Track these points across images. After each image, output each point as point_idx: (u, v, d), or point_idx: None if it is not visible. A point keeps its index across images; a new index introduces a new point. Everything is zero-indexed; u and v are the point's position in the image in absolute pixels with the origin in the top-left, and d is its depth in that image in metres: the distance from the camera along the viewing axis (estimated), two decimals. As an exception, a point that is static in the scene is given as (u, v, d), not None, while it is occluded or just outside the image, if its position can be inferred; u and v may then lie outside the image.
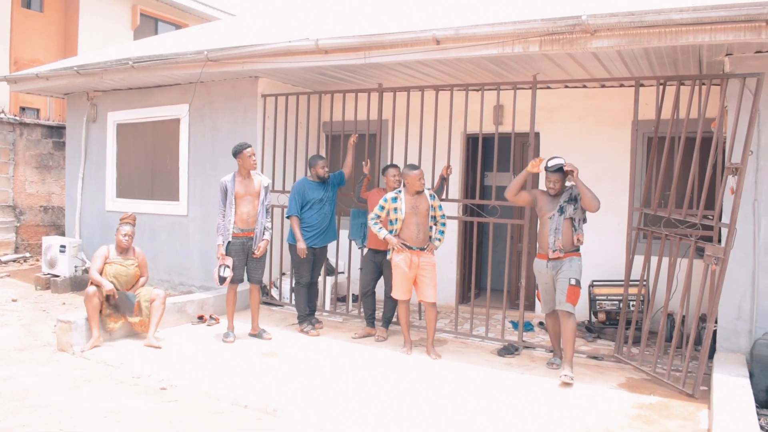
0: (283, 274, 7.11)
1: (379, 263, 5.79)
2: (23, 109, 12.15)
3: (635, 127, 5.16)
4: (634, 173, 5.41)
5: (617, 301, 5.89)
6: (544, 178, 5.10)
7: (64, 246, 7.96)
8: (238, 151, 5.52)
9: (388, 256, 5.39)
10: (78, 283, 7.96)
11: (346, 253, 6.88)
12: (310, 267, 5.95)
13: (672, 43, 4.41)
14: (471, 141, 7.27)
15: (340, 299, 7.27)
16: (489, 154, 7.03)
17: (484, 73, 6.19)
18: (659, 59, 5.20)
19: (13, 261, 9.53)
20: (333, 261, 6.84)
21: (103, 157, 8.46)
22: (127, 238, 5.55)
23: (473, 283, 7.05)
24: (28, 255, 9.77)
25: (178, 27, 15.17)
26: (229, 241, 5.52)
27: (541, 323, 6.42)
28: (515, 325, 6.01)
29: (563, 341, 4.76)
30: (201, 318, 6.33)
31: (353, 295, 7.04)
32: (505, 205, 5.77)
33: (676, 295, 5.01)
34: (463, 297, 7.12)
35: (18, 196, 9.72)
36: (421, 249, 5.26)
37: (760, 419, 3.86)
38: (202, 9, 15.34)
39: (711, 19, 4.19)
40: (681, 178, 4.99)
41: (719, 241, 4.76)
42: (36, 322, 6.37)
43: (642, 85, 5.28)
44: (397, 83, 6.72)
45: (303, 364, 4.98)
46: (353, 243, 6.50)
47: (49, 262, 8.07)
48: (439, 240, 5.36)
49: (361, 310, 6.26)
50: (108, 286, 5.35)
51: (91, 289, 5.35)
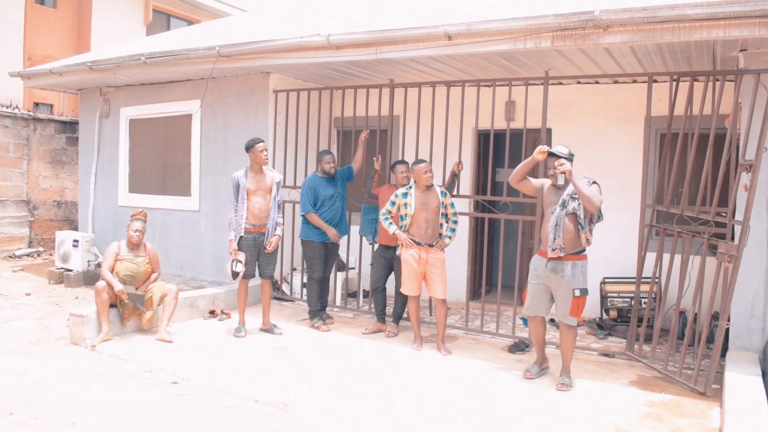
0: (294, 269, 7.13)
1: (389, 259, 5.80)
2: (37, 104, 12.25)
3: (648, 123, 5.11)
4: (647, 170, 5.37)
5: (629, 299, 5.86)
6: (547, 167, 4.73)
7: (77, 241, 8.03)
8: (250, 146, 5.55)
9: (398, 252, 5.40)
10: (91, 278, 8.03)
11: (356, 249, 6.90)
12: (323, 262, 5.97)
13: (686, 39, 4.36)
14: (482, 137, 7.25)
15: (350, 295, 7.29)
16: (500, 150, 7.00)
17: (496, 68, 6.16)
18: (672, 55, 5.15)
19: (27, 255, 9.63)
20: (343, 257, 6.85)
21: (115, 152, 8.52)
22: (138, 234, 5.58)
23: (484, 279, 7.03)
24: (41, 249, 9.87)
25: (190, 23, 15.24)
26: (241, 237, 5.55)
27: (552, 320, 6.39)
28: (525, 321, 5.98)
29: (563, 350, 4.53)
30: (212, 313, 6.37)
31: (364, 290, 7.05)
32: (517, 201, 5.76)
33: (688, 292, 4.98)
34: (474, 293, 7.11)
35: (32, 191, 9.82)
36: (430, 245, 5.26)
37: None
38: (214, 5, 15.39)
39: (725, 15, 4.14)
40: (694, 175, 4.95)
41: (732, 238, 4.73)
42: (49, 316, 6.43)
43: (655, 81, 5.24)
44: (408, 79, 6.72)
45: (314, 360, 5.01)
46: (364, 239, 6.51)
47: (63, 257, 8.15)
48: (449, 237, 5.35)
49: (372, 305, 6.27)
50: (118, 287, 5.38)
51: (100, 284, 5.39)
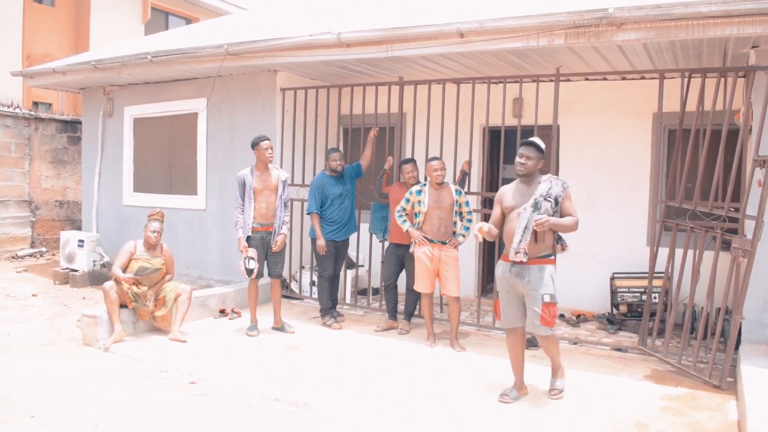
0: (303, 267, 7.13)
1: (401, 256, 5.82)
2: (36, 103, 12.17)
3: (659, 119, 5.15)
4: (659, 165, 5.41)
5: (638, 293, 5.90)
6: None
7: (82, 240, 8.00)
8: (255, 144, 5.52)
9: (411, 249, 5.42)
10: (97, 278, 8.00)
11: (365, 247, 6.91)
12: (333, 260, 5.97)
13: (699, 36, 4.40)
14: (491, 134, 7.26)
15: (360, 292, 7.30)
16: (509, 147, 7.01)
17: (505, 65, 6.17)
18: (684, 52, 5.18)
19: (30, 255, 9.59)
20: (353, 254, 6.85)
21: (119, 151, 8.49)
22: (155, 235, 5.56)
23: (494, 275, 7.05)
24: (44, 249, 9.82)
25: (189, 21, 15.17)
26: (248, 236, 5.54)
27: (562, 315, 6.43)
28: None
29: (548, 355, 4.25)
30: (222, 312, 6.36)
31: (373, 288, 7.06)
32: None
33: (700, 287, 5.01)
34: (484, 289, 7.13)
35: (33, 191, 9.77)
36: (443, 243, 5.28)
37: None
38: (214, 2, 15.32)
39: (739, 12, 4.18)
40: (705, 171, 4.96)
41: (743, 233, 4.76)
42: (58, 317, 6.40)
43: (665, 77, 5.26)
44: (415, 76, 6.72)
45: (328, 358, 5.02)
46: (374, 236, 6.52)
47: (68, 257, 8.12)
48: (463, 236, 5.37)
49: (383, 303, 6.29)
50: (123, 276, 5.32)
51: (107, 284, 5.38)
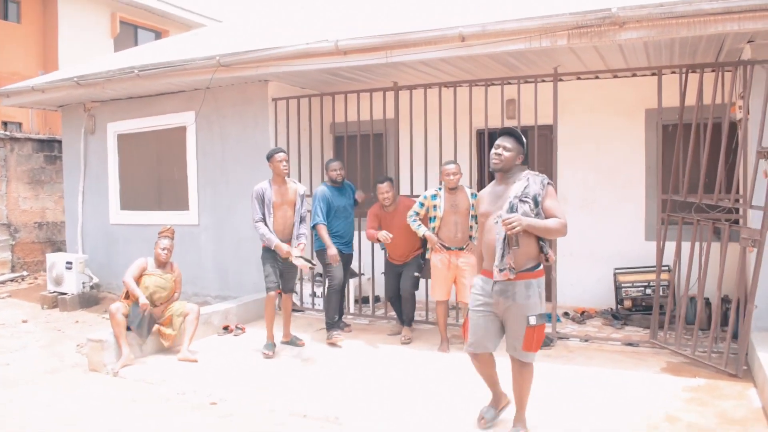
0: (302, 279, 7.04)
1: (398, 272, 5.76)
2: (5, 123, 11.78)
3: (658, 115, 5.22)
4: (654, 161, 5.50)
5: (642, 288, 6.00)
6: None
7: (70, 262, 7.76)
8: (269, 157, 5.43)
9: (427, 255, 5.38)
10: (87, 300, 7.78)
11: (366, 254, 6.86)
12: (343, 270, 5.88)
13: (700, 33, 4.49)
14: (482, 136, 7.29)
15: (362, 300, 7.24)
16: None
17: (499, 66, 6.20)
18: (682, 48, 5.29)
19: (11, 280, 9.25)
20: (353, 264, 6.79)
21: (104, 169, 8.26)
22: (165, 252, 5.42)
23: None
24: (25, 273, 9.49)
25: (159, 34, 14.91)
26: (265, 248, 5.39)
27: (566, 314, 6.49)
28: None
29: (517, 392, 3.55)
30: (226, 328, 6.23)
31: (376, 296, 7.02)
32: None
33: (708, 279, 5.10)
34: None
35: (12, 214, 9.44)
36: (460, 249, 5.25)
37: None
38: (184, 14, 15.08)
39: (740, 8, 4.27)
40: (704, 164, 5.07)
41: (745, 224, 4.88)
42: (55, 343, 6.20)
43: (660, 73, 5.36)
44: (408, 80, 6.68)
45: (346, 369, 4.95)
46: (376, 245, 6.46)
47: (55, 280, 7.86)
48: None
49: (384, 311, 6.27)
50: (143, 300, 5.22)
51: (113, 306, 5.23)
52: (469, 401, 4.14)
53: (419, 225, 5.33)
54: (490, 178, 7.12)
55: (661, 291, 5.55)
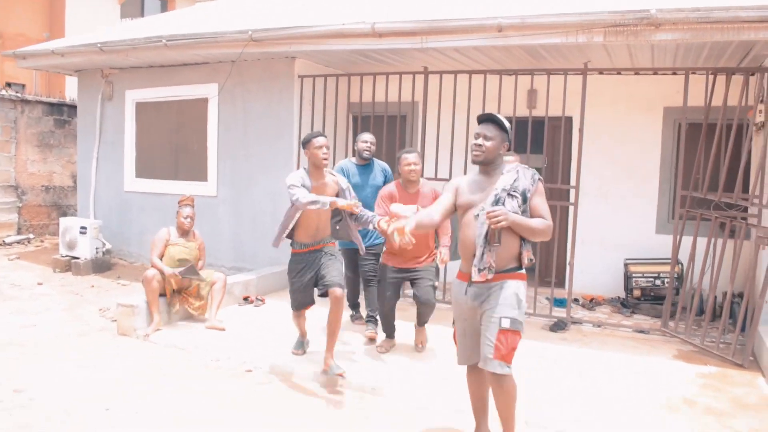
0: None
1: (399, 280, 4.87)
2: (9, 84, 11.62)
3: (684, 114, 5.41)
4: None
5: (652, 278, 6.26)
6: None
7: (85, 227, 7.79)
8: (305, 141, 4.36)
9: (439, 261, 4.68)
10: (100, 265, 7.83)
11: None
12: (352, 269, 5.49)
13: (733, 38, 4.68)
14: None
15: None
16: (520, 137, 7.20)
17: (528, 57, 6.34)
18: (711, 51, 5.49)
19: (17, 242, 9.25)
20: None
21: (120, 136, 8.27)
22: (188, 220, 5.52)
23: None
24: (31, 236, 9.49)
25: (165, 1, 14.72)
26: (291, 260, 4.45)
27: (576, 300, 6.73)
28: (556, 302, 6.27)
29: (500, 412, 3.09)
30: (246, 299, 6.37)
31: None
32: (549, 186, 6.00)
33: (715, 273, 5.35)
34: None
35: (20, 176, 9.41)
36: None
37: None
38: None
39: (776, 18, 4.47)
40: (718, 164, 5.28)
41: (760, 222, 5.13)
42: (75, 307, 6.27)
43: (688, 74, 5.55)
44: (434, 65, 6.73)
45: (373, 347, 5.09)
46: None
47: (68, 244, 7.90)
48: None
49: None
50: (168, 271, 5.34)
51: (150, 272, 5.33)
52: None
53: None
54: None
55: (674, 283, 5.80)
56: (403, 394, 4.08)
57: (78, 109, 8.74)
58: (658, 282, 6.22)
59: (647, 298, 6.32)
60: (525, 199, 3.03)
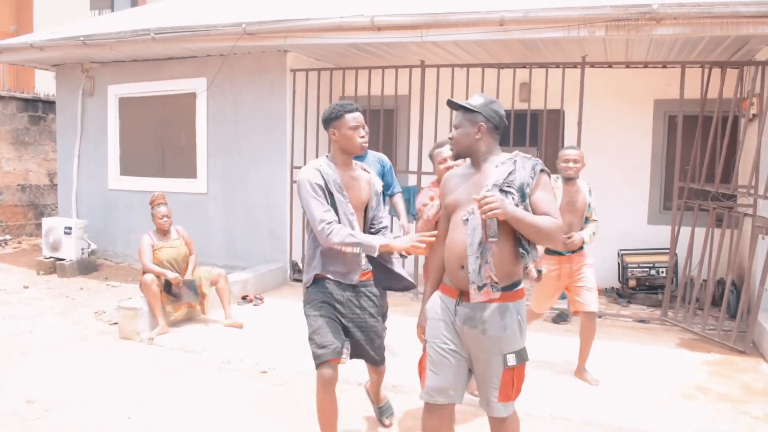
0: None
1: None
2: (-26, 79, 11.18)
3: (681, 107, 5.52)
4: (676, 150, 5.81)
5: (647, 268, 6.39)
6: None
7: (69, 227, 7.55)
8: (333, 116, 2.97)
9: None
10: (86, 267, 7.61)
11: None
12: None
13: (732, 33, 4.79)
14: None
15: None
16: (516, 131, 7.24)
17: (523, 51, 6.36)
18: (707, 45, 5.60)
19: (-6, 244, 8.93)
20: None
21: (103, 133, 8.02)
22: (165, 219, 5.39)
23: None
24: (8, 237, 9.16)
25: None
26: (311, 288, 3.05)
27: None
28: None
29: None
30: (245, 298, 6.28)
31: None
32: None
33: (710, 262, 5.49)
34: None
35: (-6, 175, 9.06)
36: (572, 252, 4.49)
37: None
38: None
39: (776, 13, 4.58)
40: (722, 155, 5.41)
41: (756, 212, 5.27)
42: (69, 311, 6.08)
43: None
44: (430, 59, 6.69)
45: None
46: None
47: (52, 245, 7.64)
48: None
49: None
50: (171, 275, 5.22)
51: (148, 277, 5.19)
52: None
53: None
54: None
55: (667, 273, 5.94)
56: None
57: (57, 105, 8.44)
58: (653, 272, 6.35)
59: (642, 288, 6.45)
60: (524, 195, 2.41)
